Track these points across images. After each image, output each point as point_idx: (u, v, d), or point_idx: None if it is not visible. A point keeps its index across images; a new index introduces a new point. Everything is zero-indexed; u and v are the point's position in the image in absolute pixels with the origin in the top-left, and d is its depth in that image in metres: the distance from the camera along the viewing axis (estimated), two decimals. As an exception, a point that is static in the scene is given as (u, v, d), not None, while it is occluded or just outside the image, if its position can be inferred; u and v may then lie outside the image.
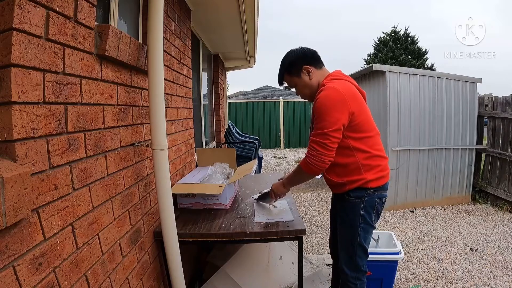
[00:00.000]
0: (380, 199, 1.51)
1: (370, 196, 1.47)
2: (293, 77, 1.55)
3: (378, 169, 1.48)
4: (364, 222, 1.49)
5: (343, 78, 1.51)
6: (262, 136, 10.34)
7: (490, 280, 2.34)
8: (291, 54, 1.56)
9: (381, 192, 1.51)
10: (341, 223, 1.57)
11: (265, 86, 23.00)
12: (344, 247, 1.56)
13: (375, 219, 1.53)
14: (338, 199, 1.59)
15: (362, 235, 1.50)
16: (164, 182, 1.36)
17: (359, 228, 1.49)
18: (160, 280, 1.63)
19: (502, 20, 52.63)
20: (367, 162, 1.46)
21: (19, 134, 0.70)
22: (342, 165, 1.48)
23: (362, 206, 1.47)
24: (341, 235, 1.58)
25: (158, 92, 1.31)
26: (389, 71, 3.97)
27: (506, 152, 3.96)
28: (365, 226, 1.49)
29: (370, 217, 1.50)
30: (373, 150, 1.48)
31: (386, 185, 1.53)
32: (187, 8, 2.46)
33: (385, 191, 1.53)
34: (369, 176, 1.46)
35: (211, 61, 4.86)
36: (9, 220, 0.63)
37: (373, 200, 1.48)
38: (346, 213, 1.52)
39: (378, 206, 1.51)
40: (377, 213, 1.53)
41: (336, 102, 1.37)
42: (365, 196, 1.47)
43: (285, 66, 1.57)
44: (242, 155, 4.29)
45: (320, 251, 2.91)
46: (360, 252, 1.52)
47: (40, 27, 0.76)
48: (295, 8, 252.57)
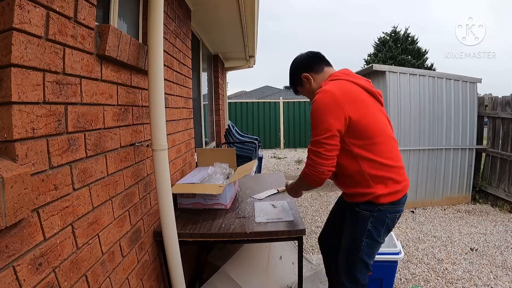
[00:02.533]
0: (392, 215, 1.36)
1: (381, 212, 1.33)
2: (297, 86, 1.55)
3: (390, 181, 1.32)
4: (369, 237, 1.36)
5: (343, 78, 1.38)
6: (262, 136, 10.35)
7: (490, 280, 2.34)
8: (292, 64, 1.54)
9: (395, 207, 1.35)
10: (345, 233, 1.46)
11: (265, 86, 23.04)
12: (344, 257, 1.45)
13: (384, 234, 1.40)
14: (347, 204, 1.47)
15: (366, 250, 1.38)
16: (164, 182, 1.36)
17: (363, 243, 1.37)
18: (160, 280, 1.63)
19: (500, 19, 52.66)
20: (375, 173, 1.31)
21: (19, 134, 0.70)
22: (348, 174, 1.36)
23: (370, 221, 1.34)
24: (344, 243, 1.47)
25: (158, 92, 1.31)
26: (389, 71, 3.98)
27: (506, 152, 3.96)
28: (370, 242, 1.37)
29: (378, 233, 1.37)
30: (382, 158, 1.31)
31: (402, 199, 1.37)
32: (187, 8, 2.46)
33: (400, 205, 1.37)
34: (380, 190, 1.31)
35: (211, 61, 4.86)
36: (9, 220, 0.63)
37: (384, 215, 1.34)
38: (352, 224, 1.41)
39: (389, 222, 1.37)
40: (387, 228, 1.39)
41: (328, 106, 1.25)
42: (375, 211, 1.33)
43: (289, 77, 1.56)
44: (242, 155, 4.29)
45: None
46: (361, 267, 1.41)
47: (40, 27, 0.76)
48: (295, 9, 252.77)
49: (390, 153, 1.35)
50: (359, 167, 1.32)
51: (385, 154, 1.33)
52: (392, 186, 1.33)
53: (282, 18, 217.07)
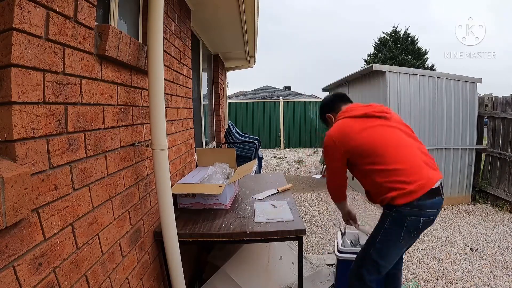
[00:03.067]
0: (415, 217, 1.39)
1: (399, 214, 1.41)
2: (324, 122, 1.85)
3: (400, 183, 1.40)
4: (384, 235, 1.46)
5: (344, 116, 1.62)
6: (262, 136, 10.35)
7: (490, 280, 2.33)
8: (320, 106, 1.86)
9: (416, 210, 1.38)
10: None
11: (265, 86, 23.02)
12: (361, 251, 1.60)
13: (405, 238, 1.43)
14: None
15: (378, 246, 1.47)
16: (164, 182, 1.36)
17: (377, 239, 1.48)
18: (160, 280, 1.63)
19: (499, 19, 52.65)
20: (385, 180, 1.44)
21: (19, 134, 0.70)
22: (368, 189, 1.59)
23: (388, 220, 1.45)
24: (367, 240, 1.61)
25: (158, 92, 1.31)
26: (389, 71, 3.98)
27: (506, 152, 3.96)
28: (385, 240, 1.46)
29: (397, 234, 1.43)
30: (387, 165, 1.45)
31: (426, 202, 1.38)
32: (187, 8, 2.46)
33: (423, 208, 1.38)
34: (393, 193, 1.42)
35: (211, 61, 4.86)
36: (9, 220, 0.63)
37: (403, 217, 1.40)
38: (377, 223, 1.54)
39: (409, 225, 1.40)
40: (408, 231, 1.42)
41: (328, 150, 1.59)
42: (393, 211, 1.43)
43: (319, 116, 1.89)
44: (242, 155, 4.28)
45: (320, 251, 2.90)
46: (369, 265, 1.49)
47: (40, 27, 0.76)
48: (295, 9, 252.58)
49: (395, 157, 1.46)
50: (372, 180, 1.51)
51: (391, 160, 1.46)
52: (403, 187, 1.40)
53: (282, 19, 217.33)
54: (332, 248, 2.89)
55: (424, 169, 1.45)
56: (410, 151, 1.49)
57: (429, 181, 1.41)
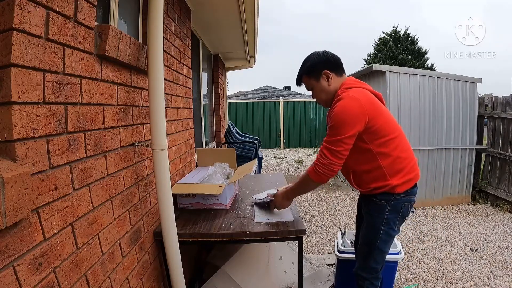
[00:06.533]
0: (406, 204, 1.48)
1: (397, 201, 1.45)
2: (312, 79, 1.53)
3: (403, 172, 1.44)
4: (387, 225, 1.47)
5: (357, 86, 1.47)
6: (262, 136, 10.34)
7: (490, 280, 2.33)
8: (313, 56, 1.53)
9: (409, 197, 1.48)
10: (364, 224, 1.56)
11: (265, 86, 23.02)
12: (364, 246, 1.56)
13: (399, 223, 1.51)
14: (365, 199, 1.57)
15: (384, 238, 1.48)
16: (164, 182, 1.36)
17: (381, 230, 1.47)
18: (160, 280, 1.63)
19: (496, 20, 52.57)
20: (392, 166, 1.43)
21: (19, 134, 0.70)
22: (366, 171, 1.46)
23: (388, 209, 1.45)
24: (363, 233, 1.57)
25: (158, 92, 1.31)
26: (389, 71, 3.98)
27: (506, 152, 3.96)
28: (388, 230, 1.48)
29: (394, 221, 1.47)
30: (397, 152, 1.44)
31: (415, 189, 1.50)
32: (187, 8, 2.46)
33: (413, 196, 1.50)
34: (395, 181, 1.42)
35: (211, 61, 4.86)
36: (9, 220, 0.63)
37: (399, 204, 1.46)
38: (371, 214, 1.51)
39: (404, 211, 1.48)
40: (402, 217, 1.50)
41: (354, 111, 1.35)
42: (392, 200, 1.44)
43: (305, 67, 1.54)
44: (242, 155, 4.28)
45: (320, 251, 2.90)
46: (377, 256, 1.51)
47: (40, 27, 0.76)
48: (295, 13, 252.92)
49: (404, 146, 1.48)
50: (377, 163, 1.43)
51: (400, 147, 1.45)
52: (406, 176, 1.45)
53: (282, 22, 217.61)
54: (332, 248, 2.89)
55: (414, 158, 1.53)
56: (406, 140, 1.54)
57: (418, 172, 1.53)
